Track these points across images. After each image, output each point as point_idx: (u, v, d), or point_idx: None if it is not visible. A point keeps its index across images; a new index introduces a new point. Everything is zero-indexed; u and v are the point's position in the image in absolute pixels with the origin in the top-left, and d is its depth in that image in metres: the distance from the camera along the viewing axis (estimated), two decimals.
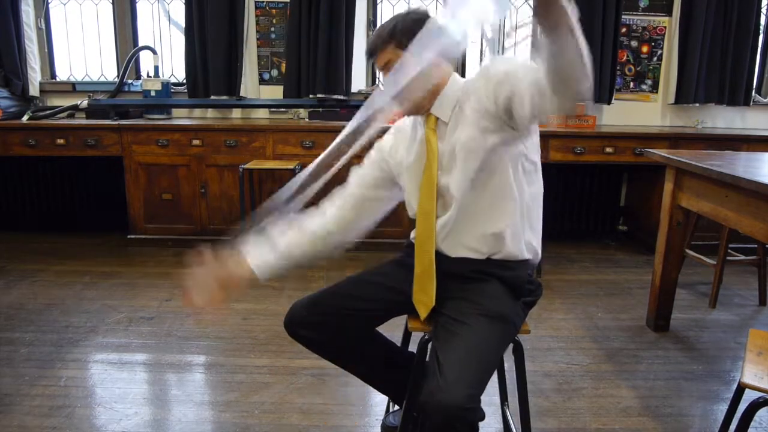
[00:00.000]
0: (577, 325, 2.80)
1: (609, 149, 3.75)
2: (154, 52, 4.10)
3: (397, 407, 1.78)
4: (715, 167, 2.21)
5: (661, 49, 4.19)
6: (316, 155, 4.30)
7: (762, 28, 4.17)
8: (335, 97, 3.98)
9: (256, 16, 4.07)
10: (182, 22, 4.03)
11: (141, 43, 4.22)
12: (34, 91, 4.07)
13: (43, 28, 4.18)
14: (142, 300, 3.01)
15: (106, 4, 4.23)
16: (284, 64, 4.05)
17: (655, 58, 4.21)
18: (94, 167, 4.13)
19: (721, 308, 3.05)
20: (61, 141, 3.71)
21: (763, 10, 4.18)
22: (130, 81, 4.17)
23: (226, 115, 4.25)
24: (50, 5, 4.19)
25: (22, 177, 4.22)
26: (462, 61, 4.16)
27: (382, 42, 1.39)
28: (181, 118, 4.21)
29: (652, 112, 4.29)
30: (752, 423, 1.37)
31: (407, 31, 1.34)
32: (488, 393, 1.25)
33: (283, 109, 4.19)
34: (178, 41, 4.21)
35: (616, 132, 3.81)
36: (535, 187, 1.45)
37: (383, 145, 1.57)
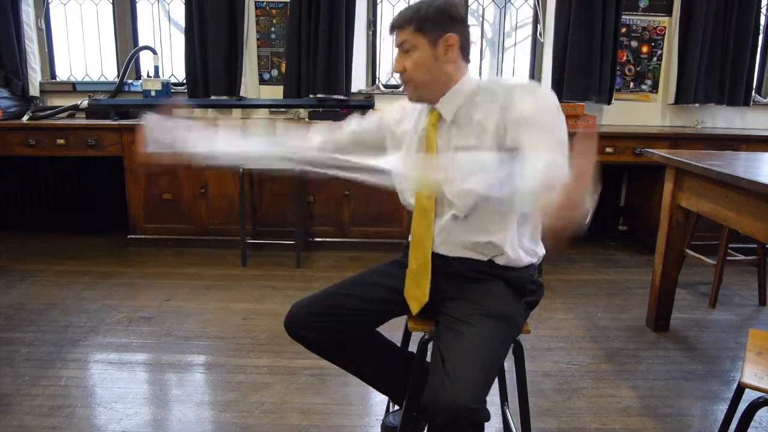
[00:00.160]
0: (577, 325, 2.80)
1: (609, 149, 3.75)
2: (154, 52, 4.10)
3: (397, 407, 1.78)
4: (715, 167, 2.21)
5: (661, 49, 4.19)
6: None
7: (762, 28, 4.17)
8: (335, 97, 3.97)
9: (256, 16, 4.07)
10: (182, 22, 4.03)
11: (141, 43, 4.21)
12: (34, 91, 4.06)
13: (43, 28, 4.18)
14: (142, 300, 3.01)
15: (106, 4, 4.23)
16: (284, 64, 4.05)
17: (655, 58, 4.20)
18: (94, 167, 4.13)
19: (721, 308, 3.05)
20: (61, 141, 3.71)
21: (763, 10, 4.18)
22: (130, 81, 4.17)
23: (226, 115, 4.25)
24: (50, 5, 4.19)
25: (22, 177, 4.22)
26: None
27: (402, 22, 1.39)
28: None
29: (652, 112, 4.29)
30: (752, 423, 1.37)
31: (428, 18, 1.35)
32: (488, 393, 1.26)
33: (283, 109, 4.19)
34: (178, 41, 4.20)
35: (616, 132, 3.81)
36: None
37: (390, 115, 1.57)
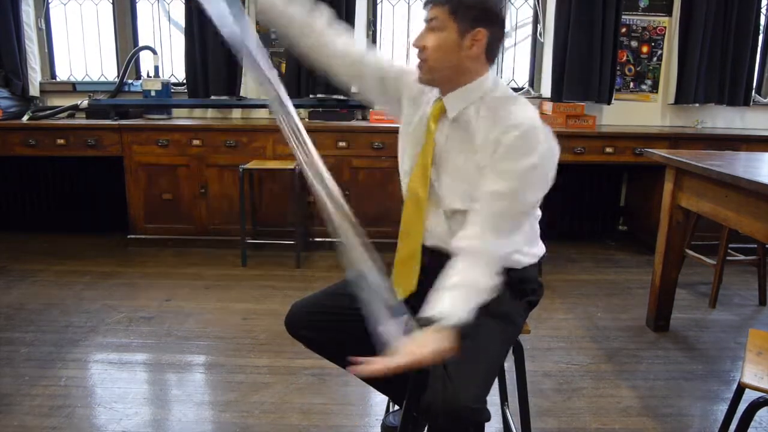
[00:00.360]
0: (577, 325, 2.80)
1: (609, 149, 3.75)
2: (154, 52, 4.10)
3: (397, 407, 1.78)
4: (715, 167, 2.21)
5: (661, 49, 4.19)
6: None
7: (762, 28, 4.17)
8: (335, 97, 3.97)
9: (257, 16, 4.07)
10: (182, 22, 4.03)
11: (141, 43, 4.21)
12: (34, 91, 4.06)
13: (43, 28, 4.18)
14: (142, 300, 3.01)
15: (106, 4, 4.23)
16: (284, 64, 4.05)
17: (655, 58, 4.20)
18: (94, 167, 4.13)
19: (721, 308, 3.05)
20: (61, 141, 3.71)
21: (763, 10, 4.18)
22: (130, 81, 4.17)
23: (226, 115, 4.25)
24: (50, 5, 4.19)
25: (22, 177, 4.22)
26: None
27: (439, 0, 1.31)
28: (181, 118, 4.20)
29: (652, 112, 4.29)
30: (752, 423, 1.37)
31: (467, 4, 1.29)
32: (489, 393, 1.26)
33: None
34: (178, 41, 4.20)
35: (616, 132, 3.82)
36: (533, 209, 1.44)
37: (410, 79, 1.45)
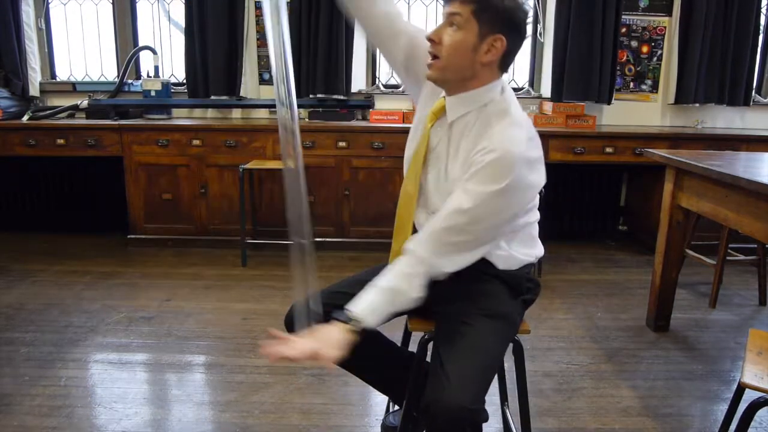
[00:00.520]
0: (577, 325, 2.80)
1: (609, 149, 3.75)
2: (154, 52, 4.10)
3: (397, 407, 1.78)
4: (715, 167, 2.21)
5: (661, 49, 4.19)
6: (316, 155, 4.27)
7: (762, 28, 4.17)
8: (335, 97, 3.97)
9: (256, 16, 4.06)
10: (182, 22, 4.02)
11: (141, 43, 4.21)
12: (34, 91, 4.06)
13: (43, 28, 4.18)
14: (142, 300, 3.01)
15: (106, 4, 4.23)
16: None
17: (655, 58, 4.20)
18: (94, 167, 4.13)
19: (721, 308, 3.05)
20: (61, 141, 3.71)
21: (763, 10, 4.17)
22: (130, 81, 4.17)
23: (226, 115, 4.24)
24: (50, 5, 4.19)
25: (22, 177, 4.22)
26: None
27: None
28: (181, 118, 4.20)
29: (652, 112, 4.29)
30: (752, 423, 1.37)
31: (492, 8, 1.24)
32: (488, 393, 1.25)
33: None
34: (178, 41, 4.20)
35: (616, 132, 3.82)
36: (527, 216, 1.41)
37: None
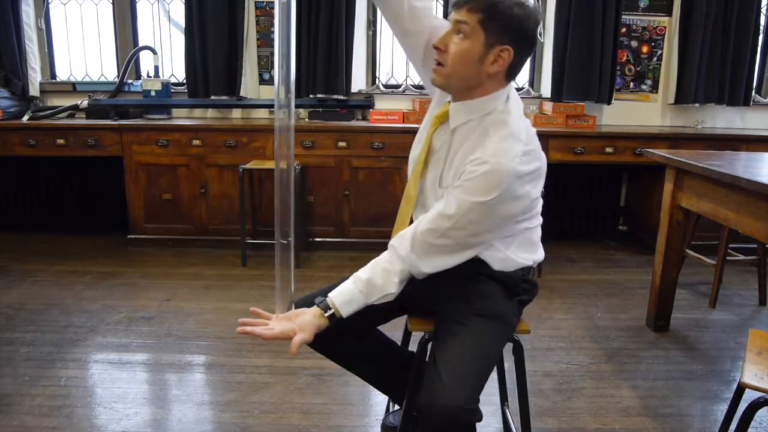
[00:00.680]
0: (577, 325, 2.80)
1: (609, 149, 3.75)
2: (154, 52, 4.10)
3: (397, 407, 1.78)
4: (715, 167, 2.21)
5: (661, 49, 4.19)
6: (316, 155, 4.27)
7: (762, 28, 4.17)
8: (335, 97, 3.97)
9: (256, 16, 4.07)
10: (182, 22, 4.02)
11: (141, 43, 4.21)
12: (34, 91, 4.06)
13: (43, 28, 4.18)
14: (142, 300, 3.01)
15: (106, 4, 4.23)
16: None
17: (655, 58, 4.20)
18: (94, 167, 4.13)
19: (721, 308, 3.05)
20: (61, 141, 3.71)
21: (763, 10, 4.18)
22: (130, 81, 4.17)
23: (226, 115, 4.24)
24: (50, 5, 4.19)
25: (22, 177, 4.22)
26: None
27: (472, 5, 1.24)
28: (181, 118, 4.20)
29: (652, 112, 4.29)
30: (752, 423, 1.37)
31: (500, 18, 1.23)
32: (488, 393, 1.26)
33: None
34: (178, 41, 4.20)
35: (616, 132, 3.82)
36: (528, 221, 1.41)
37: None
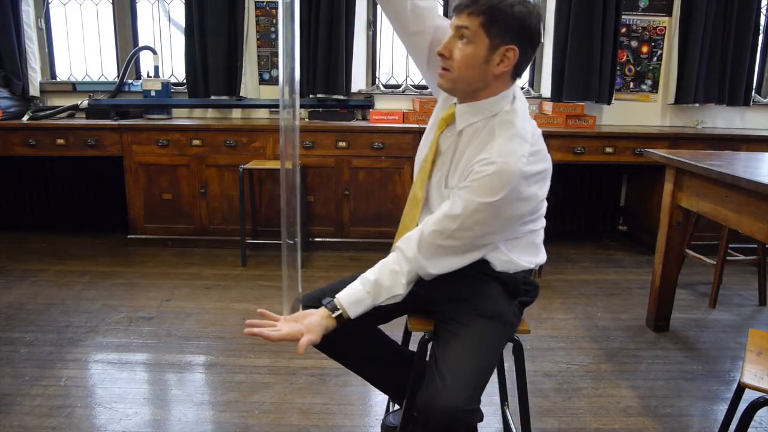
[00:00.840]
0: (577, 325, 2.80)
1: (609, 149, 3.75)
2: (154, 52, 4.10)
3: (397, 407, 1.78)
4: (715, 167, 2.21)
5: (661, 49, 4.19)
6: (316, 155, 4.27)
7: (762, 28, 4.17)
8: (335, 97, 3.97)
9: (256, 16, 4.07)
10: (182, 22, 4.03)
11: (141, 43, 4.21)
12: (34, 91, 4.06)
13: (43, 28, 4.18)
14: (142, 300, 3.01)
15: (106, 4, 4.23)
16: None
17: (655, 58, 4.20)
18: (94, 167, 4.13)
19: (721, 308, 3.05)
20: (61, 141, 3.71)
21: (763, 10, 4.18)
22: (130, 81, 4.17)
23: (226, 115, 4.24)
24: (50, 5, 4.19)
25: (22, 177, 4.22)
26: None
27: (472, 8, 1.24)
28: (181, 118, 4.20)
29: (652, 112, 4.29)
30: (752, 423, 1.37)
31: (502, 19, 1.23)
32: (488, 393, 1.26)
33: None
34: (178, 41, 4.20)
35: (616, 132, 3.82)
36: (533, 224, 1.42)
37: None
